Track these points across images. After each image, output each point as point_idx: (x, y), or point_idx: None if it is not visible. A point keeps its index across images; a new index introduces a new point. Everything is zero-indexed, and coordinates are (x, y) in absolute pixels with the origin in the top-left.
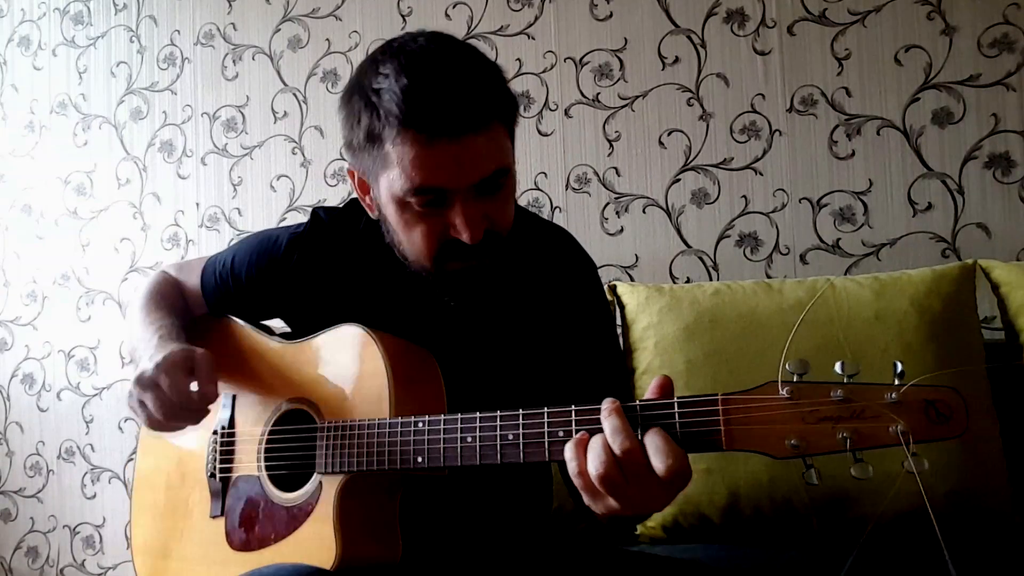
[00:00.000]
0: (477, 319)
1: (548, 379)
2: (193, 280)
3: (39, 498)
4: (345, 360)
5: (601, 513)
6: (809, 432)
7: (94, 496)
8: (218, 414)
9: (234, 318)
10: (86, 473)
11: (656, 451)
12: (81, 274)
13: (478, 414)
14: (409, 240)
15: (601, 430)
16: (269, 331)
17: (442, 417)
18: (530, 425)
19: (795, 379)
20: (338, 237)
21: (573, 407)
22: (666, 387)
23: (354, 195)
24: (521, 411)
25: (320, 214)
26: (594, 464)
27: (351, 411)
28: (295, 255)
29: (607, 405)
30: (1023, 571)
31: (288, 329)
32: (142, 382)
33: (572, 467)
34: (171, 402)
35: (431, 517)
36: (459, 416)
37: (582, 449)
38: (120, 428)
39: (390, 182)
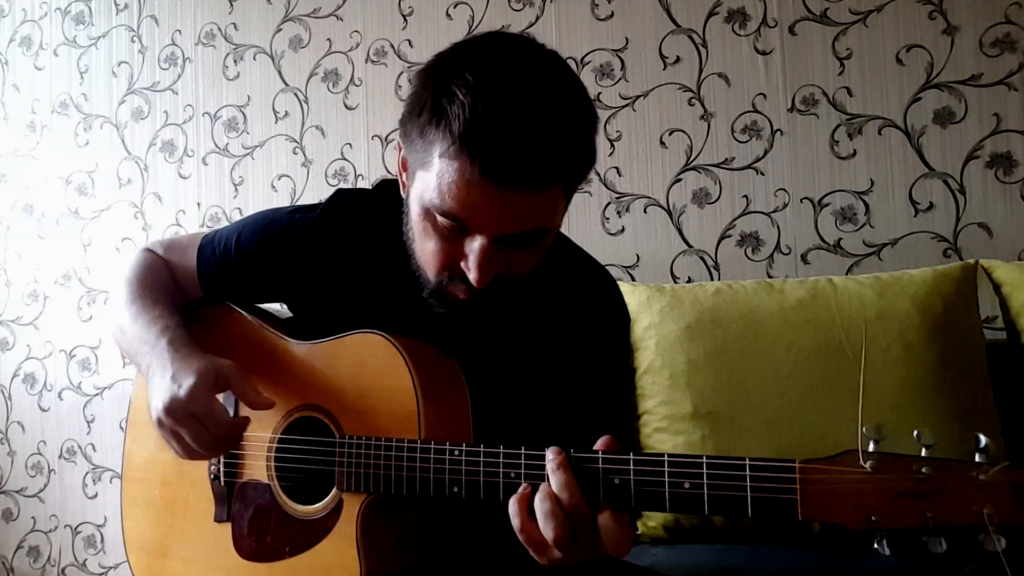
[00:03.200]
0: (490, 330)
1: (547, 407)
2: (186, 260)
3: (40, 498)
4: (368, 371)
5: (541, 561)
6: (889, 507)
7: (95, 496)
8: None
9: (235, 307)
10: (87, 473)
11: (606, 531)
12: (82, 274)
13: (523, 450)
14: (421, 247)
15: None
16: (273, 320)
17: (481, 449)
18: (583, 471)
19: (871, 447)
20: (356, 222)
21: (631, 455)
22: (610, 444)
23: (385, 177)
24: (573, 452)
25: (345, 196)
26: (546, 522)
27: (374, 427)
28: (311, 235)
29: (553, 456)
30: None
31: (291, 315)
32: (174, 412)
33: (517, 523)
34: (209, 436)
35: (445, 526)
36: (500, 449)
37: (522, 504)
38: (121, 428)
39: (424, 185)
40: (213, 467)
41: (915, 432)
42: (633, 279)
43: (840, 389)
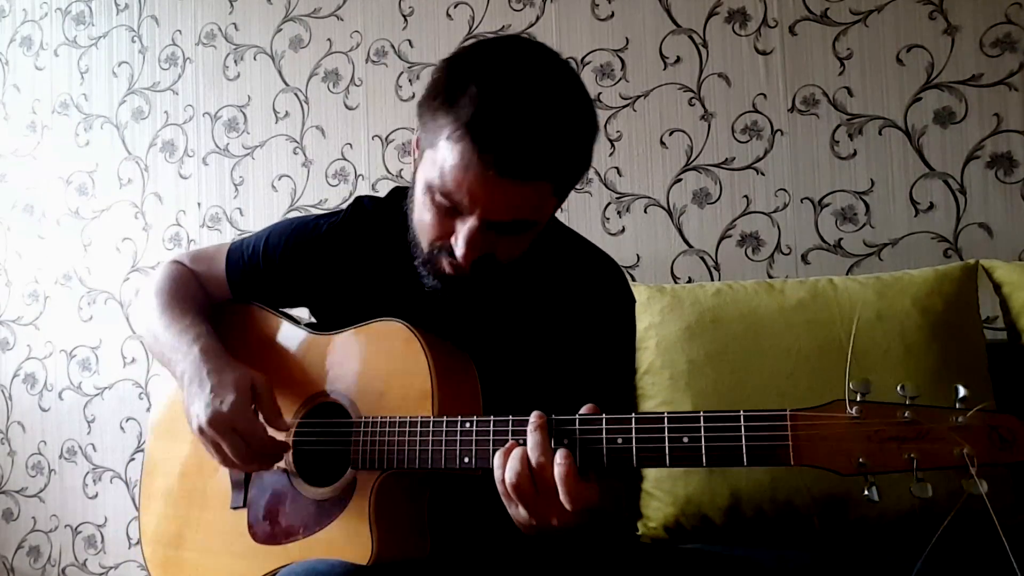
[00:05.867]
0: (496, 319)
1: (556, 389)
2: (215, 268)
3: (41, 498)
4: (385, 355)
5: (515, 520)
6: (875, 451)
7: (96, 496)
8: None
9: (259, 305)
10: (88, 473)
11: (560, 479)
12: (83, 274)
13: (531, 416)
14: (419, 218)
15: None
16: (296, 321)
17: (491, 418)
18: (586, 431)
19: (859, 398)
20: (377, 226)
21: (633, 415)
22: (592, 411)
23: (396, 185)
24: (578, 416)
25: (364, 202)
26: (511, 472)
27: (390, 408)
28: (334, 239)
29: (534, 419)
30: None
31: (314, 320)
32: (217, 426)
33: (496, 473)
34: (249, 451)
35: (456, 514)
36: (510, 418)
37: (506, 457)
38: (122, 428)
39: (430, 163)
40: None
41: (899, 387)
42: (633, 279)
43: (841, 389)
